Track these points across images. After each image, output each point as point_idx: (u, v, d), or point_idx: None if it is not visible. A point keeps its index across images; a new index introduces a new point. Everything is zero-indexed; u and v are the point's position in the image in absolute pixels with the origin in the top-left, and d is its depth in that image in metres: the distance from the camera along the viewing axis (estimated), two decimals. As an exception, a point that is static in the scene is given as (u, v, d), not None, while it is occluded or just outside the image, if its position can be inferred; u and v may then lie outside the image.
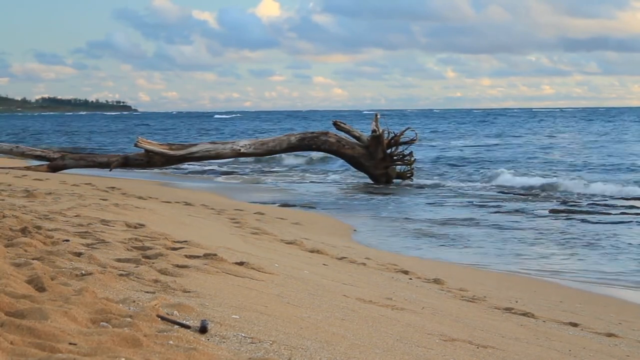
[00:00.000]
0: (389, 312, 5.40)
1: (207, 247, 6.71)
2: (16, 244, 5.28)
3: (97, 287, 4.12)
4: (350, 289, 6.19)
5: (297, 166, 29.23)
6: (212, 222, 11.04)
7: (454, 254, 10.94)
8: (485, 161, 30.58)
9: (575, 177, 22.85)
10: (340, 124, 22.17)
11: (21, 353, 2.77)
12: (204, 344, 3.28)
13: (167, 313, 3.72)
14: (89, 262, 4.94)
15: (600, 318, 7.17)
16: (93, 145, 43.20)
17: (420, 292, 7.14)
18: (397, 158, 21.66)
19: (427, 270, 8.78)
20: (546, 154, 33.82)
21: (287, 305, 4.72)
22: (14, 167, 20.07)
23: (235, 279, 5.29)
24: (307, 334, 3.94)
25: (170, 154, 20.88)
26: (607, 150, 34.91)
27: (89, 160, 21.66)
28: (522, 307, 7.10)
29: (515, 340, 5.36)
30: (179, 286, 4.51)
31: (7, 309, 3.30)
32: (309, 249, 9.08)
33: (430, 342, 4.54)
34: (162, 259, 5.48)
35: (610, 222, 14.11)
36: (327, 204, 17.03)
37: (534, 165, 28.45)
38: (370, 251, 10.15)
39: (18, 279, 3.92)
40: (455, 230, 13.17)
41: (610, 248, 11.53)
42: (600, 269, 10.04)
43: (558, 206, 16.55)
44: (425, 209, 16.29)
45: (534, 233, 13.03)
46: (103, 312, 3.51)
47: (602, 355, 5.49)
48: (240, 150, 21.12)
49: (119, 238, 6.54)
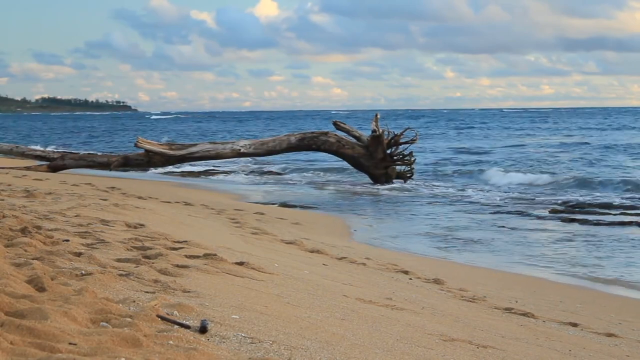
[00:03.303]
0: (389, 312, 5.39)
1: (207, 247, 6.71)
2: (16, 244, 5.27)
3: (97, 287, 4.12)
4: (350, 289, 6.19)
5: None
6: (212, 222, 11.04)
7: (454, 254, 10.94)
8: (480, 161, 30.63)
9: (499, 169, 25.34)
10: (340, 123, 22.18)
11: (21, 353, 2.77)
12: (204, 344, 3.27)
13: (167, 313, 3.71)
14: (89, 262, 4.94)
15: (600, 318, 7.17)
16: (92, 146, 43.21)
17: (420, 292, 7.14)
18: (397, 158, 21.66)
19: (427, 270, 8.78)
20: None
21: (287, 305, 4.71)
22: (14, 167, 20.06)
23: (235, 279, 5.29)
24: (307, 334, 3.94)
25: (170, 154, 20.89)
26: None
27: (89, 160, 21.65)
28: (522, 307, 7.10)
29: (515, 340, 5.36)
30: (179, 286, 4.51)
31: (7, 309, 3.30)
32: (309, 249, 9.08)
33: (430, 342, 4.53)
34: (162, 259, 5.47)
35: (609, 223, 14.13)
36: (327, 204, 17.02)
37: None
38: (370, 251, 10.15)
39: (18, 279, 3.92)
40: (455, 230, 13.17)
41: (610, 248, 11.53)
42: (601, 269, 10.05)
43: (558, 206, 16.56)
44: (424, 209, 16.29)
45: (534, 233, 13.03)
46: (103, 312, 3.51)
47: (602, 355, 5.49)
48: (240, 150, 21.12)
49: (119, 238, 6.54)
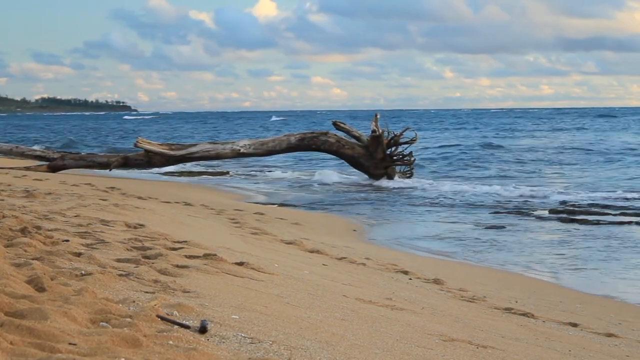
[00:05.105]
0: (388, 312, 5.39)
1: (207, 247, 6.70)
2: (16, 244, 5.27)
3: (97, 287, 4.12)
4: (350, 289, 6.19)
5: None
6: (212, 222, 11.04)
7: (454, 254, 10.94)
8: (477, 159, 30.67)
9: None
10: (340, 123, 22.17)
11: (21, 353, 2.77)
12: (204, 344, 3.27)
13: (167, 313, 3.71)
14: (89, 262, 4.94)
15: (600, 318, 7.17)
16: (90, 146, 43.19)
17: (420, 292, 7.14)
18: (397, 158, 21.67)
19: (427, 270, 8.78)
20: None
21: (287, 305, 4.71)
22: (14, 167, 20.04)
23: (235, 279, 5.29)
24: (307, 334, 3.94)
25: (169, 154, 20.88)
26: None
27: (89, 161, 21.63)
28: (522, 307, 7.10)
29: (515, 340, 5.36)
30: (179, 286, 4.50)
31: (7, 309, 3.29)
32: (309, 249, 9.08)
33: (430, 342, 4.53)
34: (162, 259, 5.47)
35: (609, 223, 14.14)
36: (327, 204, 17.02)
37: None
38: (370, 251, 10.14)
39: (18, 279, 3.92)
40: (455, 230, 13.17)
41: (610, 248, 11.53)
42: (601, 269, 10.05)
43: (557, 206, 16.56)
44: (424, 209, 16.29)
45: (533, 233, 13.03)
46: (103, 312, 3.51)
47: (602, 355, 5.49)
48: (240, 150, 21.12)
49: (118, 238, 6.53)
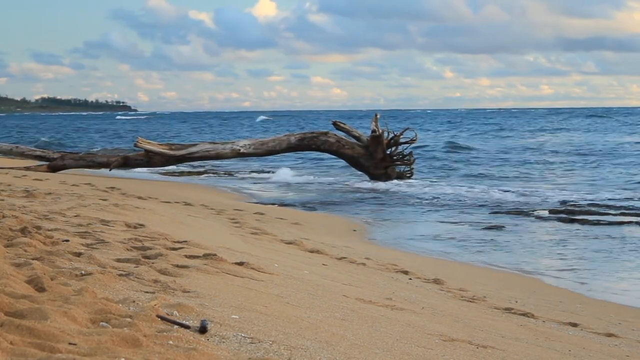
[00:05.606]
0: (388, 312, 5.39)
1: (207, 247, 6.70)
2: (16, 244, 5.27)
3: (97, 287, 4.12)
4: (350, 289, 6.19)
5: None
6: (212, 222, 11.04)
7: (454, 254, 10.94)
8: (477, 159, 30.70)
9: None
10: (340, 123, 22.16)
11: (21, 353, 2.77)
12: (204, 344, 3.27)
13: (167, 313, 3.71)
14: (89, 262, 4.94)
15: (600, 318, 7.17)
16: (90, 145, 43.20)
17: (420, 292, 7.14)
18: (397, 158, 21.66)
19: (427, 270, 8.78)
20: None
21: (287, 305, 4.71)
22: (14, 167, 20.04)
23: (235, 279, 5.29)
24: (307, 334, 3.93)
25: (169, 154, 20.88)
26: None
27: (89, 161, 21.62)
28: (522, 307, 7.10)
29: (515, 340, 5.36)
30: (179, 286, 4.50)
31: (7, 309, 3.30)
32: (309, 249, 9.08)
33: (430, 342, 4.53)
34: (162, 259, 5.47)
35: (609, 223, 14.14)
36: (326, 204, 17.02)
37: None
38: (370, 251, 10.14)
39: (18, 279, 3.92)
40: (455, 230, 13.17)
41: (610, 248, 11.53)
42: (601, 269, 10.05)
43: (557, 206, 16.56)
44: (424, 209, 16.29)
45: (534, 233, 13.03)
46: (103, 312, 3.51)
47: (602, 355, 5.49)
48: (240, 150, 21.11)
49: (118, 238, 6.53)
